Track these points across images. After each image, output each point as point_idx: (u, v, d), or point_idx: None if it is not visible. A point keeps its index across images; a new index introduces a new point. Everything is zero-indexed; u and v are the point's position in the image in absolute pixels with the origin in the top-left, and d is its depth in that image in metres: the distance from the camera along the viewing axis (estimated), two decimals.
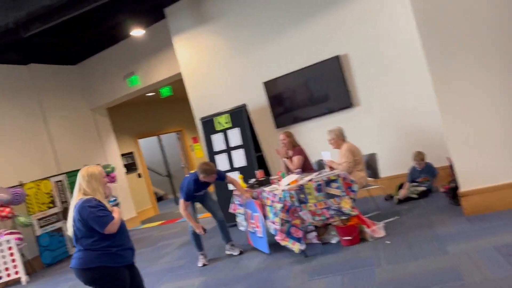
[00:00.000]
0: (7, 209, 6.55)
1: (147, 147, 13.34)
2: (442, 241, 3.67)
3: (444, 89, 4.10)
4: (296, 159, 5.26)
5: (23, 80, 8.08)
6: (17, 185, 7.04)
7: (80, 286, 5.33)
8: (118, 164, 9.51)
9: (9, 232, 6.56)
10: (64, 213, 7.63)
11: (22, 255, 6.82)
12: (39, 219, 7.20)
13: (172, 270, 5.02)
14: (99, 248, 2.75)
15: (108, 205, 2.85)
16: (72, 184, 7.88)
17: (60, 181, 7.74)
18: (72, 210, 2.81)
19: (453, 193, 4.54)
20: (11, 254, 6.36)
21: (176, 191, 12.06)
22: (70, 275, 6.16)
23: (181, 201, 4.71)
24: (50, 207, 7.44)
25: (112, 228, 2.73)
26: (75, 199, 2.83)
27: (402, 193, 5.25)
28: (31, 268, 6.95)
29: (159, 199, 13.37)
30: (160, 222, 9.11)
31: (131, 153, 10.81)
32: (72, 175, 7.97)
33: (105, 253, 2.75)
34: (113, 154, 9.48)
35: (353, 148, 4.89)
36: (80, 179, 2.85)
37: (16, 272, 6.36)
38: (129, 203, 9.53)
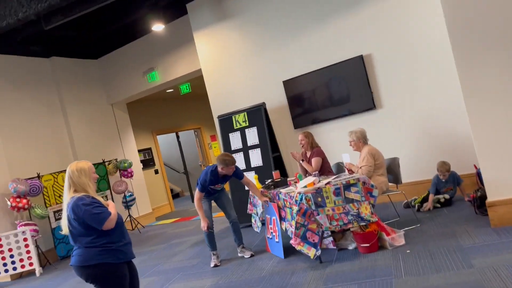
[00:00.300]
0: (24, 201, 6.58)
1: (165, 144, 13.38)
2: (466, 253, 3.46)
3: (473, 93, 3.88)
4: (315, 161, 5.10)
5: (44, 73, 8.13)
6: (34, 177, 7.08)
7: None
8: (135, 160, 9.51)
9: (25, 223, 6.59)
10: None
11: (37, 246, 6.86)
12: (55, 212, 7.23)
13: (183, 270, 4.92)
14: (99, 245, 2.66)
15: (102, 200, 2.77)
16: None
17: None
18: (65, 209, 2.72)
19: (479, 203, 4.31)
20: (26, 246, 6.39)
21: (192, 188, 12.01)
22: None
23: (196, 191, 4.66)
24: None
25: (110, 224, 2.65)
26: (67, 197, 2.73)
27: (428, 206, 4.99)
28: (46, 260, 6.98)
29: (176, 196, 13.38)
30: (175, 219, 9.07)
31: (149, 149, 10.82)
32: None
33: (105, 249, 2.67)
34: (130, 149, 9.48)
35: (374, 152, 4.70)
36: (69, 175, 2.73)
37: (31, 264, 6.39)
38: (145, 199, 9.51)
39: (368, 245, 3.96)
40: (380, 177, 4.67)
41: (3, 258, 6.34)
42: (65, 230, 2.74)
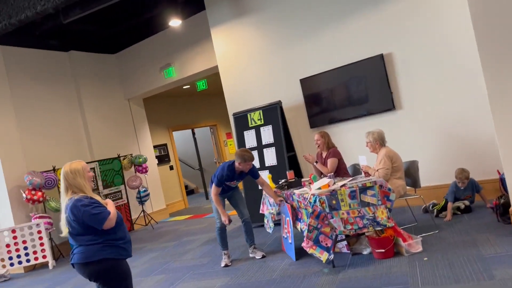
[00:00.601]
0: (39, 193, 6.62)
1: (180, 140, 13.37)
2: (487, 263, 3.29)
3: (500, 96, 3.70)
4: (330, 162, 4.97)
5: (62, 67, 8.18)
6: (50, 170, 7.12)
7: None
8: (151, 155, 9.51)
9: (39, 216, 6.63)
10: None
11: (51, 239, 6.90)
12: None
13: (193, 268, 4.86)
14: (101, 241, 2.65)
15: (100, 199, 2.75)
16: (104, 172, 7.94)
17: (92, 168, 7.78)
18: (63, 210, 2.70)
19: (502, 210, 4.12)
20: (40, 238, 6.43)
21: (207, 185, 11.98)
22: None
23: (213, 186, 4.59)
24: None
25: (110, 223, 2.63)
26: (65, 199, 2.71)
27: (447, 217, 4.77)
28: (59, 253, 7.02)
29: (190, 192, 13.38)
30: (188, 216, 9.04)
31: (164, 145, 10.82)
32: (104, 163, 8.02)
33: (107, 245, 2.66)
34: (146, 145, 9.48)
35: (391, 154, 4.53)
36: (64, 177, 2.72)
37: (44, 256, 6.42)
38: (159, 194, 9.51)
39: (383, 250, 3.82)
40: (398, 181, 4.51)
41: (17, 250, 6.39)
42: (64, 231, 2.72)
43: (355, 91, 5.88)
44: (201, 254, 5.47)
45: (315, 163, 5.06)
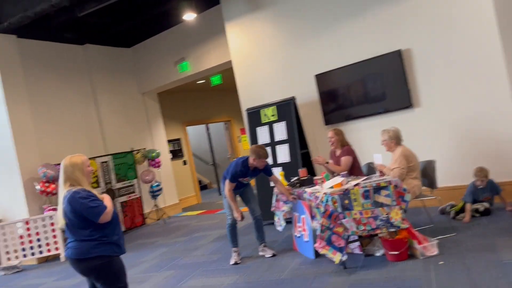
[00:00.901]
0: (53, 185, 6.66)
1: (195, 135, 13.36)
2: (507, 269, 3.14)
3: None
4: (344, 160, 4.84)
5: (77, 60, 8.20)
6: None
7: None
8: (164, 150, 9.50)
9: (52, 208, 6.67)
10: (107, 194, 7.68)
11: (63, 231, 6.94)
12: None
13: (203, 265, 4.81)
14: (95, 238, 2.68)
15: (97, 194, 2.78)
16: (117, 166, 7.96)
17: (105, 162, 7.80)
18: (61, 202, 2.73)
19: None
20: (53, 230, 6.47)
21: (220, 181, 11.96)
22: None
23: (227, 181, 4.53)
24: (94, 187, 7.48)
25: (106, 217, 2.67)
26: (63, 191, 2.75)
27: (466, 218, 4.59)
28: None
29: (204, 187, 13.37)
30: (200, 211, 9.01)
31: (178, 139, 10.80)
32: (118, 157, 8.03)
33: (101, 243, 2.69)
34: (159, 139, 9.47)
35: (408, 153, 4.39)
36: (63, 170, 2.77)
37: (56, 248, 6.47)
38: (172, 189, 9.50)
39: (397, 253, 3.70)
40: (413, 181, 4.37)
41: (30, 241, 6.44)
42: (61, 223, 2.75)
43: (372, 87, 5.73)
44: (211, 250, 5.42)
45: (325, 164, 4.91)
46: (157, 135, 9.43)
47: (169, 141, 10.40)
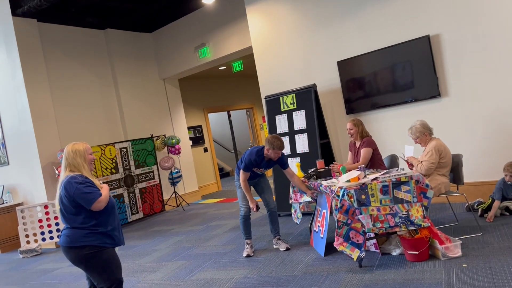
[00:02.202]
0: None
1: (217, 122, 13.27)
2: None
3: None
4: (364, 152, 4.59)
5: (98, 44, 8.17)
6: None
7: (126, 257, 5.26)
8: (184, 137, 9.43)
9: None
10: (126, 180, 7.70)
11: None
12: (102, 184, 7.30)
13: (215, 256, 4.70)
14: (87, 227, 2.65)
15: (96, 182, 2.77)
16: (136, 152, 7.93)
17: (124, 148, 7.79)
18: (58, 187, 2.72)
19: None
20: None
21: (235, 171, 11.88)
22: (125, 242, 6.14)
23: (241, 171, 4.38)
24: (112, 173, 7.52)
25: (98, 205, 2.63)
26: (62, 176, 2.75)
27: (491, 214, 4.31)
28: None
29: (226, 174, 13.31)
30: (219, 199, 8.93)
31: (199, 126, 10.72)
32: (137, 143, 8.01)
33: (92, 232, 2.66)
34: (180, 126, 9.40)
35: (441, 148, 4.08)
36: (65, 156, 2.78)
37: None
38: (192, 176, 9.45)
39: (416, 253, 3.46)
40: (441, 177, 4.08)
41: (49, 226, 6.51)
42: (57, 207, 2.74)
43: (397, 75, 5.42)
44: (226, 241, 5.31)
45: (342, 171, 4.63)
46: (177, 121, 9.36)
47: (190, 128, 10.33)
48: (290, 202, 4.85)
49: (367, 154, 4.58)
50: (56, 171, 6.61)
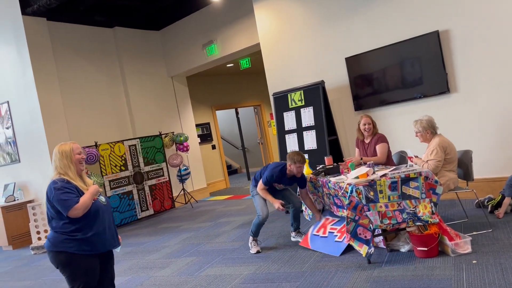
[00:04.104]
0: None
1: (225, 119, 13.30)
2: None
3: None
4: (381, 148, 4.57)
5: (107, 43, 8.22)
6: (92, 145, 7.23)
7: (136, 254, 5.28)
8: (193, 134, 9.46)
9: None
10: (135, 177, 7.75)
11: None
12: (111, 181, 7.38)
13: (224, 253, 4.72)
14: (67, 232, 2.60)
15: (82, 184, 2.70)
16: (145, 150, 7.98)
17: (133, 145, 7.84)
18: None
19: None
20: None
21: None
22: (133, 239, 6.20)
23: (260, 183, 4.39)
24: (122, 170, 7.58)
25: (74, 212, 2.56)
26: (51, 178, 2.70)
27: (500, 213, 4.25)
28: None
29: (234, 172, 13.34)
30: (227, 196, 8.96)
31: (207, 123, 10.75)
32: (146, 140, 8.05)
33: (70, 238, 2.60)
34: (188, 123, 9.44)
35: (445, 144, 4.05)
36: (53, 157, 2.73)
37: None
38: (200, 173, 9.48)
39: (426, 249, 3.46)
40: (449, 173, 4.06)
41: None
42: (44, 210, 2.76)
43: (406, 71, 5.40)
44: (234, 237, 5.33)
45: (361, 161, 4.61)
46: (185, 119, 9.39)
47: (198, 125, 10.36)
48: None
49: (384, 149, 4.57)
50: None
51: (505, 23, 4.68)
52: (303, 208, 4.89)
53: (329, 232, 4.25)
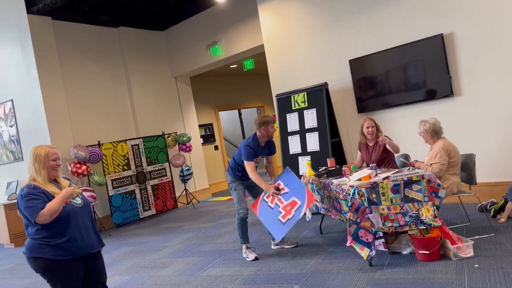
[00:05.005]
0: (84, 167, 6.76)
1: (227, 120, 13.29)
2: None
3: None
4: (392, 143, 4.53)
5: (111, 42, 8.24)
6: (95, 145, 7.25)
7: (137, 253, 5.29)
8: (195, 134, 9.47)
9: (83, 189, 6.78)
10: (137, 177, 7.76)
11: (94, 212, 7.07)
12: (113, 180, 7.39)
13: (225, 253, 4.72)
14: (40, 238, 2.56)
15: (54, 189, 2.63)
16: (147, 149, 7.99)
17: (136, 145, 7.86)
18: None
19: None
20: None
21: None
22: (135, 239, 6.21)
23: (246, 163, 4.25)
24: (124, 169, 7.59)
25: (41, 219, 2.50)
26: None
27: (503, 218, 4.24)
28: (101, 226, 7.19)
29: None
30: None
31: (210, 124, 10.76)
32: (148, 140, 8.07)
33: (45, 244, 2.56)
34: (191, 123, 9.45)
35: (449, 148, 4.04)
36: (28, 159, 2.69)
37: None
38: (202, 174, 9.49)
39: (427, 252, 3.45)
40: (452, 177, 4.04)
41: None
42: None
43: (411, 74, 5.39)
44: (235, 238, 5.33)
45: (386, 143, 4.52)
46: (188, 119, 9.41)
47: (201, 125, 10.37)
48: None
49: (395, 145, 4.54)
50: (69, 167, 6.69)
51: (510, 27, 4.67)
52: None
53: (275, 203, 4.22)
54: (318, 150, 5.69)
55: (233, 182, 4.50)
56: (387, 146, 4.53)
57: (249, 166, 4.25)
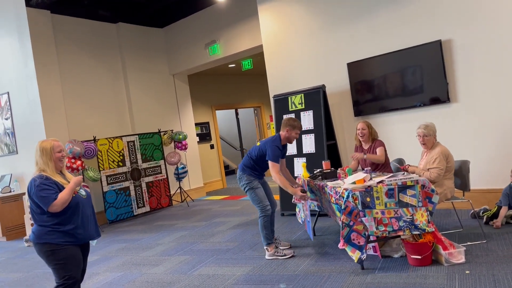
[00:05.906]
0: (79, 162, 6.74)
1: (224, 119, 13.29)
2: None
3: None
4: (381, 150, 4.56)
5: (110, 38, 8.22)
6: (90, 140, 7.23)
7: (129, 250, 5.27)
8: (192, 133, 9.46)
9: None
10: (132, 173, 7.74)
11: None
12: (108, 176, 7.37)
13: (218, 253, 4.72)
14: (50, 225, 2.76)
15: (62, 179, 2.83)
16: (143, 146, 7.96)
17: (132, 141, 7.83)
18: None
19: None
20: None
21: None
22: (128, 235, 6.19)
23: (271, 164, 4.03)
24: (119, 166, 7.57)
25: (53, 208, 2.71)
26: (33, 173, 2.86)
27: (497, 223, 4.28)
28: None
29: (231, 172, 13.33)
30: (224, 196, 8.96)
31: (206, 123, 10.75)
32: (144, 137, 8.05)
33: (54, 230, 2.76)
34: (187, 121, 9.44)
35: (447, 153, 4.06)
36: (34, 153, 2.88)
37: None
38: (197, 172, 9.48)
39: (419, 257, 3.46)
40: (447, 182, 4.06)
41: None
42: (27, 205, 2.84)
43: (408, 79, 5.41)
44: (229, 237, 5.33)
45: (364, 157, 4.61)
46: (185, 117, 9.39)
47: (197, 124, 10.36)
48: (293, 201, 4.85)
49: (383, 152, 4.56)
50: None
51: (507, 34, 4.70)
52: (296, 210, 4.88)
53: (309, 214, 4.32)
54: (314, 152, 5.70)
55: (250, 182, 4.25)
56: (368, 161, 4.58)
57: (274, 168, 4.04)
